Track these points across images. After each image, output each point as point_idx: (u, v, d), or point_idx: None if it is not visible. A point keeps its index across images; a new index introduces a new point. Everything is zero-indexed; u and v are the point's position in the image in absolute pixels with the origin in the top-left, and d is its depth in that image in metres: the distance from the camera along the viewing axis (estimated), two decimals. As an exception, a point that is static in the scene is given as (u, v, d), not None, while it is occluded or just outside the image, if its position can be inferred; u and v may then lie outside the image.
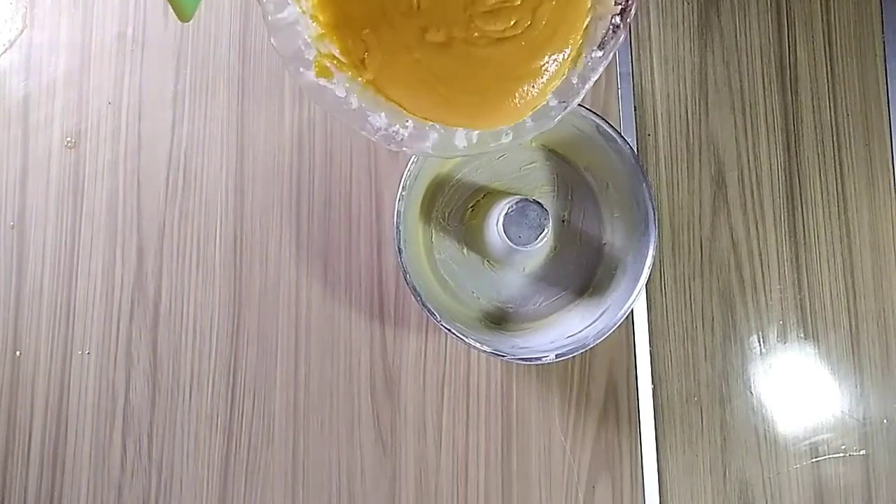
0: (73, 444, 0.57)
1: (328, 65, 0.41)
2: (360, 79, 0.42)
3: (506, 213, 0.52)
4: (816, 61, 0.64)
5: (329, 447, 0.57)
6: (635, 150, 0.54)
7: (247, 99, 0.61)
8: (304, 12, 0.40)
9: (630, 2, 0.40)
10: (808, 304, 0.60)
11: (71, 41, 0.61)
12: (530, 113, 0.43)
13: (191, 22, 0.62)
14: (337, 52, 0.41)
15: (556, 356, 0.51)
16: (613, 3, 0.41)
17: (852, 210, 0.62)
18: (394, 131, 0.41)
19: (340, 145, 0.60)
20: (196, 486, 0.57)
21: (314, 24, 0.40)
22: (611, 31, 0.41)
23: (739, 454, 0.58)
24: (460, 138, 0.42)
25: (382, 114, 0.41)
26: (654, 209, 0.53)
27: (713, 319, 0.60)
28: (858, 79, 0.64)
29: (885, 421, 0.59)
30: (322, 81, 0.40)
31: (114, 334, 0.58)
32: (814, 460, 0.58)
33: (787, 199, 0.62)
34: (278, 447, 0.57)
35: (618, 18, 0.41)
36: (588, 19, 0.42)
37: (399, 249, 0.52)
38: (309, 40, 0.40)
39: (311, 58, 0.40)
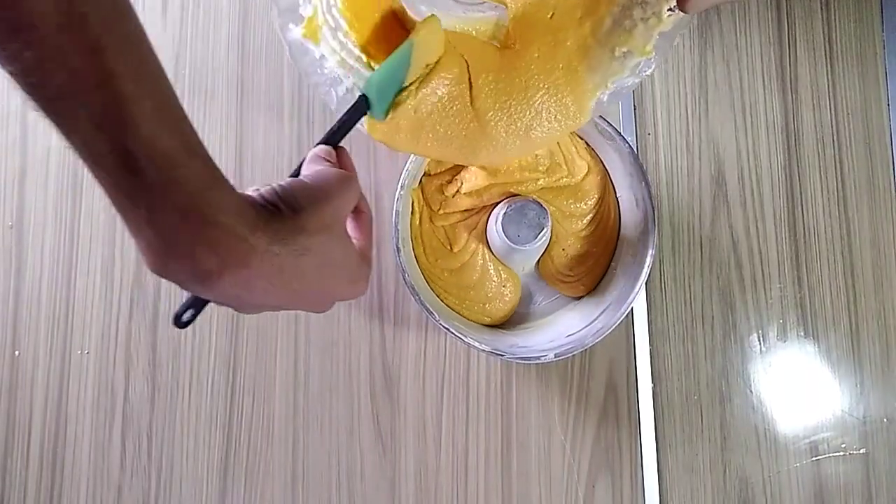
0: (72, 443, 0.57)
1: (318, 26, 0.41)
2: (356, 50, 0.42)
3: (505, 213, 0.52)
4: (816, 60, 0.63)
5: (329, 447, 0.57)
6: (635, 149, 0.54)
7: (246, 100, 0.61)
8: None
9: None
10: (808, 302, 0.60)
11: (70, 41, 0.61)
12: None
13: (189, 21, 0.62)
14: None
15: (556, 355, 0.51)
16: None
17: (852, 209, 0.62)
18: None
19: (340, 145, 0.60)
20: (196, 486, 0.57)
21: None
22: None
23: (739, 453, 0.58)
24: None
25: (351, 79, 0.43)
26: (653, 208, 0.53)
27: (713, 318, 0.60)
28: (858, 78, 0.63)
29: (885, 420, 0.59)
30: (307, 42, 0.42)
31: (113, 334, 0.58)
32: (814, 459, 0.58)
33: (787, 197, 0.61)
34: (278, 447, 0.57)
35: None
36: None
37: (397, 249, 0.52)
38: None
39: (305, 14, 0.41)
